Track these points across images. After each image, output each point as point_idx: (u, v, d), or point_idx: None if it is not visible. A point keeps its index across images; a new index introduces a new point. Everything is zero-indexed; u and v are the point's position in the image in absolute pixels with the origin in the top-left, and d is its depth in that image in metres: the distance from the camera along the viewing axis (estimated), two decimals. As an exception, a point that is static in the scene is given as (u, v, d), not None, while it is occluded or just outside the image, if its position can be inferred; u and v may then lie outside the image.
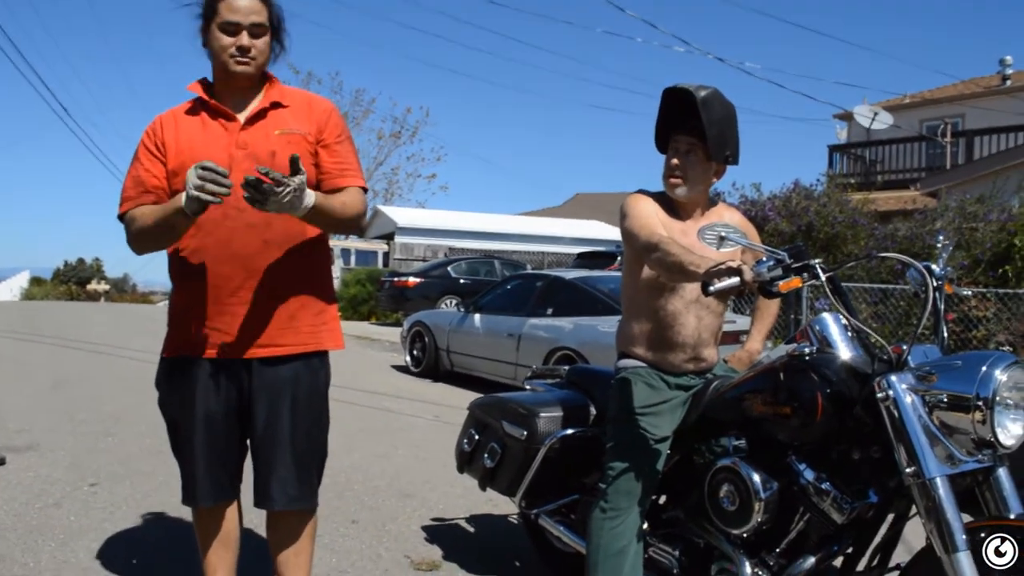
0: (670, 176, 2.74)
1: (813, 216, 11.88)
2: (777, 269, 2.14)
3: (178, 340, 2.50)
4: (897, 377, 2.13)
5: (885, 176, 18.60)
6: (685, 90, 2.61)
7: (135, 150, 2.50)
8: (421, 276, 16.53)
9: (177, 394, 2.50)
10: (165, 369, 2.56)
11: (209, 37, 2.41)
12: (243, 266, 2.40)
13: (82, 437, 5.82)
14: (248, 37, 2.37)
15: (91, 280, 52.44)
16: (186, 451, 2.51)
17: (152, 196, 2.42)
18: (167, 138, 2.44)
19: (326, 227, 2.47)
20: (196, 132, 2.44)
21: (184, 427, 2.50)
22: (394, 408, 7.57)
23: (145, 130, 2.50)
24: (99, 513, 4.12)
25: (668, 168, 2.74)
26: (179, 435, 2.53)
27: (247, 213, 2.35)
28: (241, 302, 2.41)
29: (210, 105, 2.45)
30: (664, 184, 2.78)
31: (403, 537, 3.98)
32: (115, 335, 13.24)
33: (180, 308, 2.50)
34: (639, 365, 2.81)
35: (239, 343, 2.43)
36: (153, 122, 2.50)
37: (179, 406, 2.50)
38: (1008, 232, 10.31)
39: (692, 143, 2.69)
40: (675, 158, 2.72)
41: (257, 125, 2.44)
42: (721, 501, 2.52)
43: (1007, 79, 21.30)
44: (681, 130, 2.70)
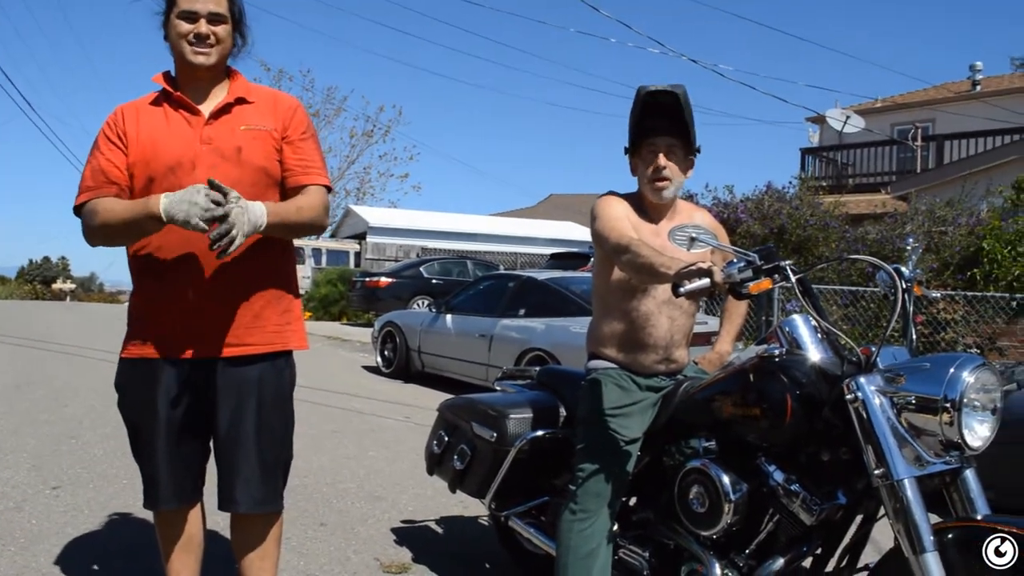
0: (656, 179, 2.70)
1: (785, 218, 11.95)
2: (747, 270, 2.13)
3: (138, 340, 2.44)
4: (866, 379, 2.13)
5: (856, 179, 18.79)
6: (666, 91, 2.60)
7: (95, 140, 2.43)
8: (393, 276, 16.45)
9: (137, 396, 2.44)
10: (125, 370, 2.48)
11: (169, 26, 2.36)
12: (206, 264, 2.34)
13: (44, 439, 5.72)
14: (206, 25, 2.33)
15: (57, 279, 51.65)
16: (147, 454, 2.45)
17: (114, 188, 2.36)
18: (128, 129, 2.38)
19: (287, 235, 2.43)
20: (159, 124, 2.39)
21: (145, 429, 2.44)
22: (364, 409, 7.52)
23: (106, 120, 2.43)
24: (61, 517, 4.05)
25: (654, 170, 2.70)
26: (140, 437, 2.47)
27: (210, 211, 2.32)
28: (205, 300, 2.36)
29: (174, 97, 2.40)
30: (647, 188, 2.74)
31: (372, 540, 3.94)
32: (80, 335, 13.05)
33: (141, 307, 2.44)
34: (610, 366, 2.80)
35: (202, 343, 2.37)
36: (115, 112, 2.44)
37: (140, 408, 2.44)
38: (976, 236, 10.45)
39: (672, 143, 2.69)
40: (661, 160, 2.68)
41: (222, 119, 2.40)
42: (691, 503, 2.51)
43: (977, 84, 21.63)
44: (661, 131, 2.68)
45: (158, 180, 2.32)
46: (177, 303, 2.36)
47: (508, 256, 22.21)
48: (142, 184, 2.35)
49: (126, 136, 2.38)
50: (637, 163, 2.76)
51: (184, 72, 2.42)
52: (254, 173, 2.37)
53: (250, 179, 2.36)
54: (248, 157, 2.37)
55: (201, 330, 2.36)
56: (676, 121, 2.64)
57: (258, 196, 2.36)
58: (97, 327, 15.05)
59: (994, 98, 19.89)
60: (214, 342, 2.38)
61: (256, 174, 2.38)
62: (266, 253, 2.42)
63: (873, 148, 19.29)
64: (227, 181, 2.31)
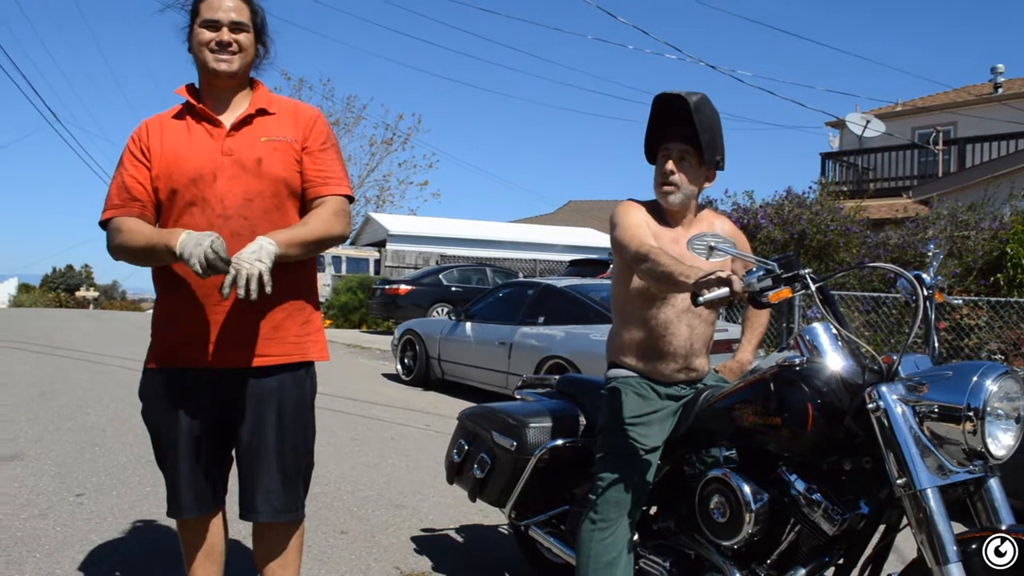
0: (664, 184, 2.71)
1: (806, 224, 11.89)
2: (767, 279, 2.13)
3: (162, 350, 2.46)
4: (887, 388, 2.12)
5: (877, 184, 18.64)
6: (677, 96, 2.60)
7: (121, 155, 2.47)
8: (412, 284, 16.49)
9: (160, 405, 2.46)
10: (148, 380, 2.51)
11: (192, 39, 2.40)
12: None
13: (68, 447, 5.77)
14: (228, 33, 2.36)
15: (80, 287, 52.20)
16: (169, 462, 2.48)
17: (138, 205, 2.39)
18: (152, 143, 2.41)
19: (306, 254, 2.41)
20: (181, 137, 2.41)
21: (167, 438, 2.46)
22: (384, 417, 7.53)
23: (131, 135, 2.47)
24: (85, 524, 4.08)
25: (661, 175, 2.72)
26: (162, 446, 2.50)
27: (232, 221, 2.34)
28: (225, 312, 2.38)
29: (196, 109, 2.43)
30: (656, 192, 2.75)
31: (393, 548, 3.95)
32: (103, 343, 13.17)
33: (164, 318, 2.47)
34: (629, 375, 2.79)
35: (224, 353, 2.39)
36: (139, 127, 2.47)
37: (162, 417, 2.46)
38: (1000, 240, 10.34)
39: (685, 150, 2.68)
40: (669, 165, 2.69)
41: (243, 131, 2.42)
42: (712, 512, 2.50)
43: (999, 87, 21.42)
44: (673, 137, 2.69)
45: (180, 192, 2.36)
46: (199, 314, 2.38)
47: (527, 263, 22.24)
48: (166, 196, 2.39)
49: (149, 151, 2.40)
50: (654, 169, 2.77)
51: (207, 82, 2.45)
52: (274, 184, 2.39)
53: (270, 190, 2.39)
54: (268, 168, 2.39)
55: (223, 341, 2.38)
56: (688, 128, 2.64)
57: (278, 207, 2.40)
58: (119, 335, 15.19)
59: (1017, 100, 19.71)
60: (235, 353, 2.40)
61: (276, 185, 2.40)
62: (286, 265, 2.42)
63: (894, 152, 19.15)
64: (248, 192, 2.36)
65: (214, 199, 2.34)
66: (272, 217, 2.39)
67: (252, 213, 2.36)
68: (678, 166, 2.69)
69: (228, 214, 2.33)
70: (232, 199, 2.35)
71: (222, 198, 2.34)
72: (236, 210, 2.35)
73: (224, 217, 2.33)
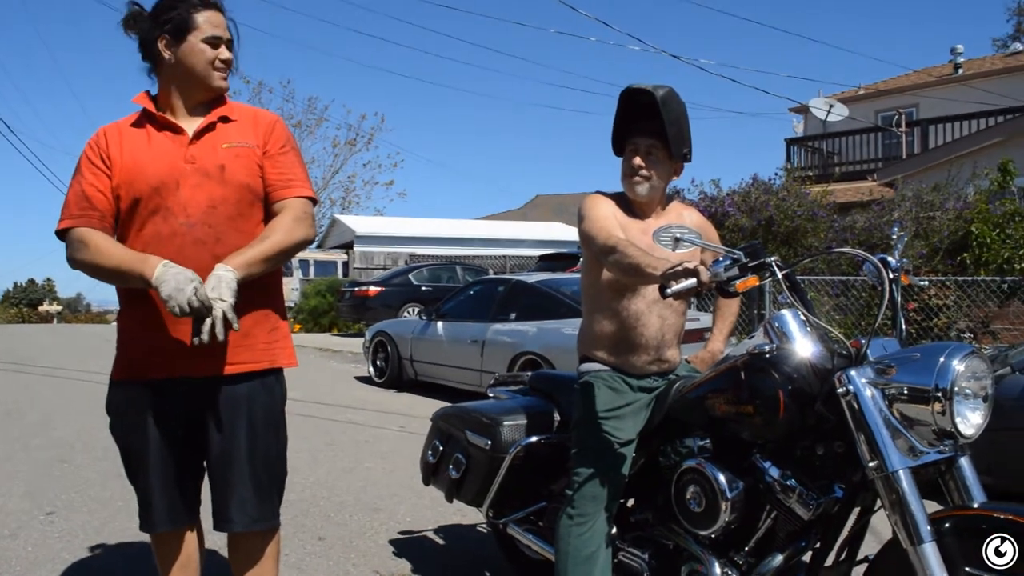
0: (632, 175, 2.71)
1: (773, 210, 11.97)
2: (733, 268, 2.13)
3: (128, 362, 2.41)
4: (856, 371, 2.13)
5: (842, 168, 18.83)
6: (644, 90, 2.60)
7: (77, 163, 2.39)
8: (382, 285, 16.39)
9: (129, 418, 2.41)
10: (116, 393, 2.46)
11: (183, 50, 2.35)
12: None
13: (37, 465, 5.67)
14: (226, 50, 2.39)
15: (43, 301, 51.40)
16: (140, 476, 2.42)
17: (97, 215, 2.33)
18: (112, 151, 2.35)
19: (273, 267, 2.39)
20: (142, 145, 2.37)
21: (137, 452, 2.41)
22: (359, 420, 7.49)
23: (88, 142, 2.40)
24: (56, 543, 4.01)
25: (630, 168, 2.72)
26: (132, 460, 2.44)
27: (196, 229, 2.30)
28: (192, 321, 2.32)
29: (157, 118, 2.38)
30: (624, 184, 2.75)
31: (371, 552, 3.92)
32: (69, 357, 12.98)
33: (129, 329, 2.42)
34: (602, 368, 2.79)
35: (192, 362, 2.34)
36: (96, 135, 2.41)
37: (131, 430, 2.41)
38: (964, 220, 10.48)
39: (652, 144, 2.69)
40: (636, 160, 2.70)
41: (205, 139, 2.38)
42: (688, 502, 2.50)
43: (959, 68, 21.71)
44: (640, 131, 2.69)
45: (143, 200, 2.31)
46: (164, 323, 2.33)
47: (497, 260, 22.21)
48: (127, 205, 2.34)
49: (110, 159, 2.35)
50: (621, 161, 2.77)
51: (185, 92, 2.41)
52: (238, 191, 2.36)
53: (234, 197, 2.35)
54: (232, 175, 2.35)
55: (190, 350, 2.32)
56: (655, 122, 2.63)
57: (242, 213, 2.36)
58: (85, 348, 14.98)
59: (977, 80, 19.97)
60: (204, 362, 2.34)
61: (240, 191, 2.36)
62: None
63: (858, 136, 19.34)
64: (212, 200, 2.32)
65: (177, 207, 2.30)
66: (237, 224, 2.36)
67: (216, 220, 2.33)
68: (646, 160, 2.69)
69: (192, 222, 2.29)
70: (196, 207, 2.31)
71: (185, 206, 2.30)
72: (200, 218, 2.31)
73: (188, 225, 2.29)
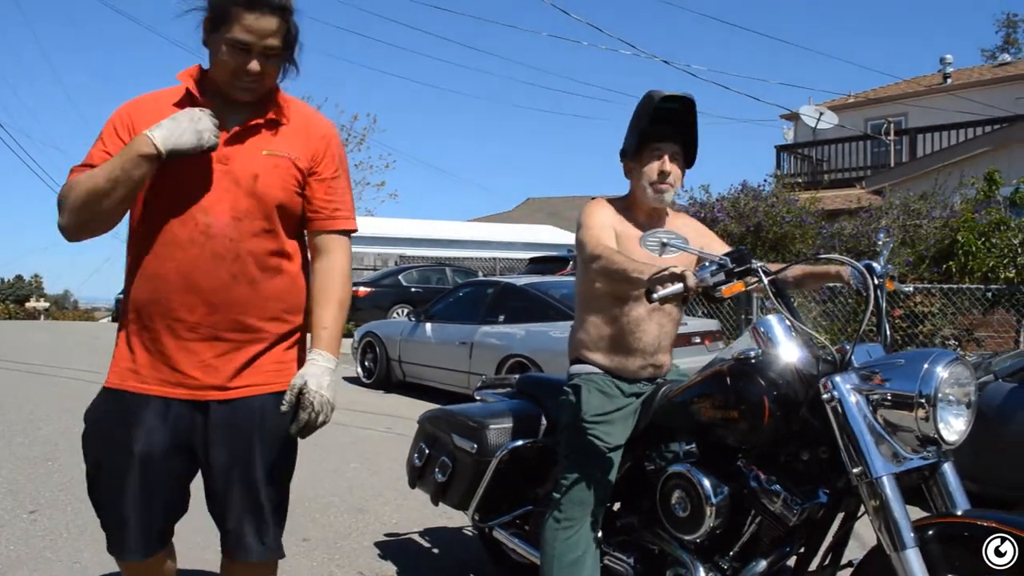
0: (661, 183, 2.70)
1: (762, 216, 12.00)
2: (720, 274, 2.14)
3: (124, 371, 2.15)
4: (841, 377, 2.14)
5: (831, 175, 18.90)
6: (678, 96, 2.61)
7: (100, 131, 2.11)
8: (372, 285, 16.37)
9: (114, 431, 2.12)
10: (104, 399, 2.18)
11: (212, 42, 2.07)
12: (204, 300, 2.08)
13: (20, 463, 5.64)
14: (259, 61, 2.04)
15: (30, 298, 50.98)
16: (115, 498, 2.12)
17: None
18: (139, 127, 2.03)
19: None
20: None
21: (115, 470, 2.11)
22: (345, 421, 7.46)
23: (117, 110, 2.13)
24: (39, 541, 3.99)
25: (659, 175, 2.70)
26: (106, 479, 2.13)
27: (215, 240, 2.07)
28: (200, 339, 2.10)
29: (198, 103, 2.08)
30: (649, 191, 2.72)
31: (356, 553, 3.91)
32: (56, 355, 12.90)
33: (132, 337, 2.16)
34: (593, 371, 2.78)
35: (195, 384, 2.12)
36: (129, 105, 2.13)
37: (113, 446, 2.11)
38: (951, 228, 10.51)
39: (677, 150, 2.71)
40: (666, 165, 2.70)
41: (246, 141, 2.12)
42: (673, 507, 2.51)
43: (947, 77, 21.86)
44: (667, 137, 2.69)
45: (162, 195, 2.09)
46: (170, 339, 2.11)
47: (487, 262, 22.20)
48: (144, 197, 2.10)
49: (136, 134, 2.04)
50: (634, 167, 2.75)
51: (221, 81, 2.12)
52: (267, 206, 2.11)
53: (262, 212, 2.11)
54: (265, 188, 2.10)
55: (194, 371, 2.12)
56: (683, 129, 2.68)
57: (269, 231, 2.14)
58: (72, 345, 14.90)
59: (965, 90, 20.10)
60: (207, 385, 2.13)
61: (269, 207, 2.12)
62: (276, 294, 2.18)
63: (847, 143, 19.42)
64: (236, 211, 2.09)
65: (199, 211, 2.07)
66: (261, 241, 2.12)
67: (239, 235, 2.09)
68: (672, 166, 2.71)
69: (212, 232, 2.06)
70: (218, 216, 2.07)
71: (207, 211, 2.07)
72: (221, 229, 2.07)
73: (207, 235, 2.07)
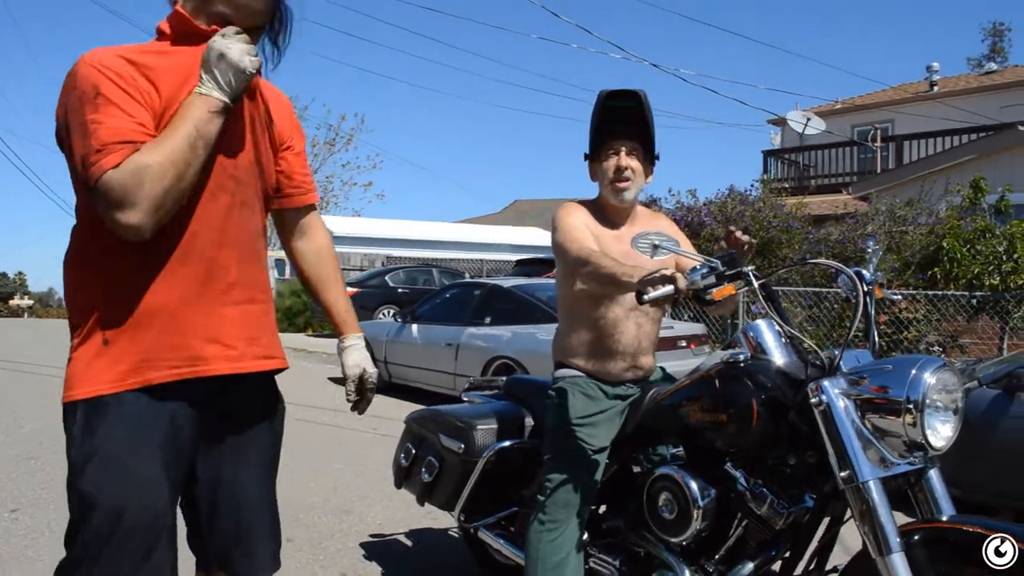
0: (618, 181, 2.70)
1: (748, 221, 12.04)
2: (711, 277, 2.14)
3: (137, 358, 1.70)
4: (830, 382, 2.14)
5: (818, 180, 18.98)
6: (627, 92, 2.61)
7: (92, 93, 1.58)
8: (358, 286, 16.32)
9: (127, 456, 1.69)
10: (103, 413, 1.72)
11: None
12: (237, 256, 1.81)
13: (2, 461, 5.60)
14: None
15: (13, 295, 50.67)
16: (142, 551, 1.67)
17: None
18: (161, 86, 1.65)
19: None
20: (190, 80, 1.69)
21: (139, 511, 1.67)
22: (331, 421, 7.45)
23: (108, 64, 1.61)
24: (21, 540, 3.96)
25: (616, 172, 2.69)
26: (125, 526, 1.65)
27: (245, 187, 1.80)
28: (232, 302, 1.80)
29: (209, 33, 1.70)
30: (608, 190, 2.73)
31: (341, 555, 3.89)
32: (39, 352, 12.82)
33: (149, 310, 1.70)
34: (577, 375, 2.78)
35: (222, 356, 1.78)
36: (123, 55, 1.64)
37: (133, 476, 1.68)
38: (936, 235, 10.58)
39: (634, 146, 2.70)
40: (623, 160, 2.69)
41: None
42: (660, 510, 2.51)
43: (934, 85, 22.03)
44: (621, 134, 2.68)
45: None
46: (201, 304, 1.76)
47: (474, 263, 22.20)
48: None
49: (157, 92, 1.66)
50: (597, 168, 2.76)
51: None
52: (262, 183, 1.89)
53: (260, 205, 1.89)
54: (280, 127, 1.91)
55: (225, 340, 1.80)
56: (638, 124, 2.65)
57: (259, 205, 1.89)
58: (56, 343, 14.77)
59: (951, 98, 20.27)
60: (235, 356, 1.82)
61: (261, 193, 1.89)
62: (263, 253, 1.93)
63: (834, 149, 19.52)
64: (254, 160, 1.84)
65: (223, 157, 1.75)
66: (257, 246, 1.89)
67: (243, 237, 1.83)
68: (629, 163, 2.70)
69: (242, 178, 1.80)
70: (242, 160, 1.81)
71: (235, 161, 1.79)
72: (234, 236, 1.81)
73: (237, 181, 1.80)
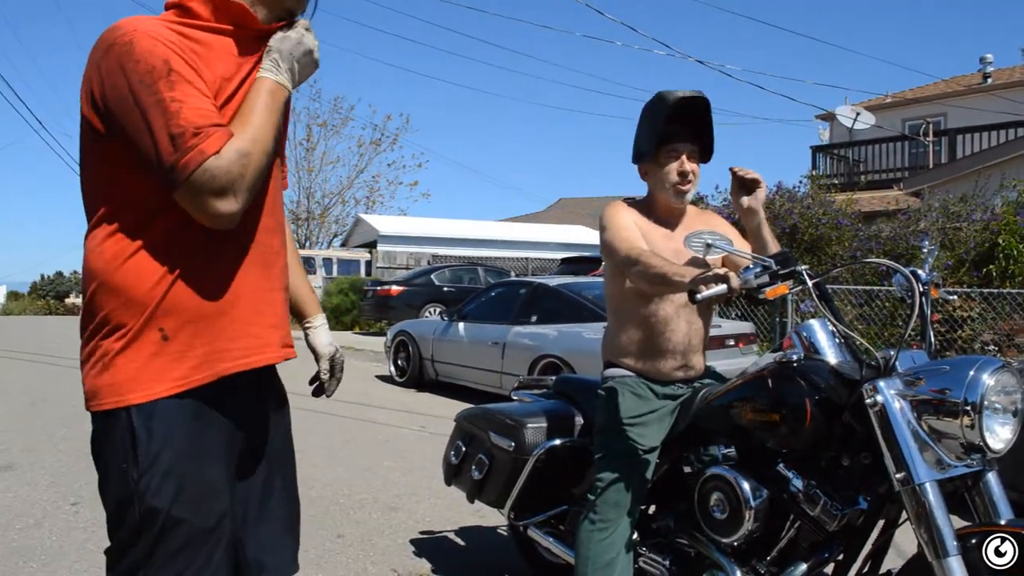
0: (682, 183, 2.70)
1: (797, 218, 11.90)
2: (764, 276, 2.13)
3: (200, 353, 1.55)
4: (885, 383, 2.11)
5: (868, 176, 18.69)
6: (694, 97, 2.60)
7: (163, 69, 1.43)
8: (404, 284, 16.46)
9: (193, 464, 1.56)
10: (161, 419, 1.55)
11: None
12: (281, 240, 1.72)
13: (62, 455, 5.74)
14: None
15: (69, 294, 51.79)
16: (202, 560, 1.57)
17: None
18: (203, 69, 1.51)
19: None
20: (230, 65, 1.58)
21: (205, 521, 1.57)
22: (379, 419, 7.51)
23: (170, 39, 1.47)
24: (81, 533, 4.06)
25: (679, 175, 2.69)
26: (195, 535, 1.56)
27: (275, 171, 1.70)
28: (282, 287, 1.73)
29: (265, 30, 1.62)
30: (670, 192, 2.71)
31: (390, 551, 3.94)
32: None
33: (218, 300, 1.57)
34: (627, 374, 2.78)
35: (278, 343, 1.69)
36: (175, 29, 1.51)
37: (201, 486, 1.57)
38: (991, 231, 10.35)
39: (694, 149, 2.71)
40: (687, 164, 2.69)
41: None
42: (711, 510, 2.50)
43: (988, 77, 21.46)
44: (683, 136, 2.68)
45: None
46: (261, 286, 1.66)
47: (519, 262, 22.24)
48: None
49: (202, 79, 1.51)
50: (651, 168, 2.75)
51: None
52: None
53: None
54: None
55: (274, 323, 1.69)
56: (700, 128, 2.67)
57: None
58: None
59: (1006, 90, 19.76)
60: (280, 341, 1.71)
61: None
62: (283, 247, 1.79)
63: (884, 144, 19.17)
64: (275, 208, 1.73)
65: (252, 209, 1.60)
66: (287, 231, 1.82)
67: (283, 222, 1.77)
68: (691, 165, 2.71)
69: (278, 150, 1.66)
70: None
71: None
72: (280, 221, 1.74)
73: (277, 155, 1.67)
